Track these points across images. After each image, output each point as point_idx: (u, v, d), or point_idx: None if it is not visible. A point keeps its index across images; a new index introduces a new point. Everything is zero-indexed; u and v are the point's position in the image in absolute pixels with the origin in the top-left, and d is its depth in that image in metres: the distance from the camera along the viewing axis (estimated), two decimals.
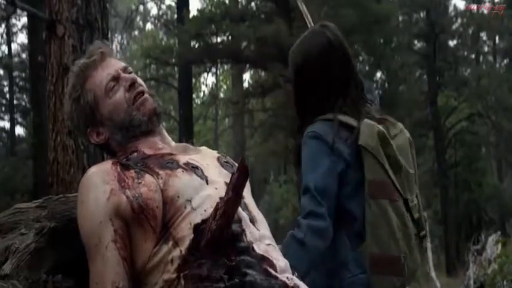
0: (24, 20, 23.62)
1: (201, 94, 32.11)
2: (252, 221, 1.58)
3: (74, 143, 4.75)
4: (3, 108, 25.85)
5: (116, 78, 1.72)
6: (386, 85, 22.60)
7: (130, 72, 1.75)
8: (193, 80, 25.13)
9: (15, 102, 24.96)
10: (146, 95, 1.72)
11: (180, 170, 1.59)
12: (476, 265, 8.42)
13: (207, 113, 29.85)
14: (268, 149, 19.43)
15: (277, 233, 1.91)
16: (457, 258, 22.48)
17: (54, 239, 1.52)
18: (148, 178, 1.56)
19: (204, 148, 1.81)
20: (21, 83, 24.99)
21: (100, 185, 1.55)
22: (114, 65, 1.74)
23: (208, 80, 40.62)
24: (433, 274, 9.07)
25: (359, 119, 2.18)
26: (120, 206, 1.53)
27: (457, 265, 20.63)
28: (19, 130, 26.82)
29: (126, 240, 1.53)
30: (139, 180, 1.55)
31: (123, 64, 1.76)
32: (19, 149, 22.61)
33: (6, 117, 25.27)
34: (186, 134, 19.06)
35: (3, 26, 24.41)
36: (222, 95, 30.06)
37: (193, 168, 1.61)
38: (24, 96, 24.72)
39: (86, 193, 1.56)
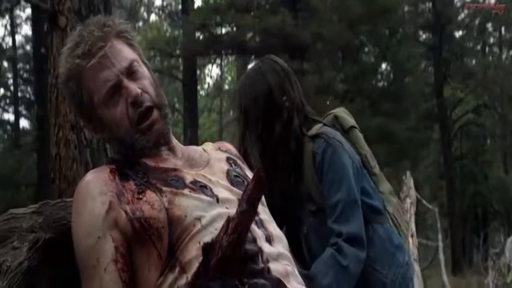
0: (28, 11, 23.56)
1: (206, 86, 32.04)
2: (268, 239, 1.41)
3: (77, 137, 4.64)
4: (7, 101, 25.78)
5: (116, 86, 1.46)
6: (391, 77, 22.45)
7: (135, 72, 1.48)
8: (198, 72, 25.01)
9: (19, 94, 24.88)
10: (154, 116, 1.48)
11: (186, 189, 1.41)
12: (495, 271, 8.18)
13: (211, 105, 29.76)
14: None
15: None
16: (462, 254, 22.40)
17: (49, 253, 1.38)
18: (150, 195, 1.38)
19: (212, 154, 1.60)
20: (25, 75, 24.92)
21: (97, 196, 1.38)
22: (116, 64, 1.46)
23: (213, 71, 40.53)
24: (444, 278, 8.83)
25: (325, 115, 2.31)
26: (120, 221, 1.35)
27: (463, 262, 20.55)
28: (24, 122, 26.85)
29: (128, 261, 1.35)
30: (140, 196, 1.38)
31: (128, 59, 1.48)
32: (23, 142, 22.58)
33: (11, 109, 25.23)
34: (191, 126, 18.97)
35: (7, 17, 24.32)
36: (226, 86, 29.95)
37: (201, 188, 1.43)
38: (29, 88, 24.67)
39: (81, 204, 1.40)
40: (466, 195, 24.86)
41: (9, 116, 26.44)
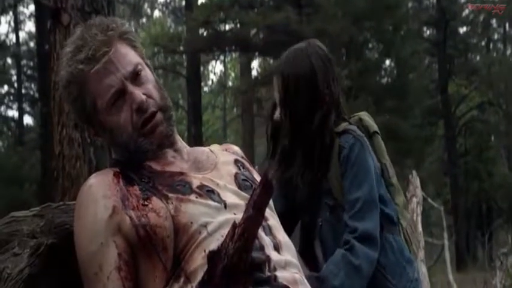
0: (31, 7, 23.55)
1: (210, 82, 32.01)
2: (277, 247, 1.37)
3: (80, 136, 4.62)
4: (11, 97, 25.78)
5: (121, 92, 1.43)
6: (395, 73, 22.41)
7: (139, 74, 1.45)
8: (202, 68, 24.98)
9: (23, 91, 24.87)
10: (157, 118, 1.44)
11: (193, 195, 1.37)
12: (503, 272, 8.08)
13: (215, 102, 29.75)
14: None
15: None
16: (467, 250, 22.36)
17: (51, 259, 1.34)
18: (156, 202, 1.34)
19: (219, 156, 1.56)
20: (29, 72, 24.90)
21: (100, 200, 1.34)
22: (120, 69, 1.43)
23: (216, 68, 40.55)
24: (450, 277, 8.70)
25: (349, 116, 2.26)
26: (124, 227, 1.32)
27: (467, 259, 20.51)
28: (27, 119, 26.80)
29: (132, 268, 1.31)
30: (146, 203, 1.34)
31: (132, 63, 1.45)
32: (27, 139, 22.58)
33: (15, 106, 25.23)
34: (195, 122, 18.95)
35: (10, 13, 24.32)
36: (230, 83, 29.91)
37: (208, 192, 1.39)
38: (33, 85, 24.66)
39: (83, 208, 1.36)
40: (470, 192, 24.82)
41: (13, 113, 26.49)
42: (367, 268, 1.98)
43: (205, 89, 30.35)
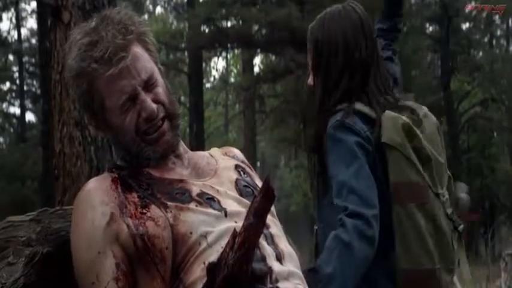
0: (33, 4, 23.54)
1: (212, 79, 31.98)
2: (279, 257, 1.32)
3: (81, 134, 4.62)
4: (13, 94, 25.80)
5: (132, 99, 1.39)
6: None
7: (153, 83, 1.41)
8: (204, 65, 24.96)
9: (25, 88, 24.88)
10: (164, 127, 1.41)
11: (193, 203, 1.33)
12: (507, 273, 8.01)
13: (217, 98, 29.74)
14: (279, 135, 19.28)
15: (288, 220, 1.75)
16: (469, 246, 22.32)
17: (47, 268, 1.31)
18: (155, 210, 1.30)
19: (219, 161, 1.52)
20: (31, 69, 24.91)
21: (98, 206, 1.31)
22: (136, 76, 1.39)
23: (218, 64, 40.57)
24: (455, 280, 8.61)
25: (378, 111, 1.98)
26: (121, 235, 1.29)
27: (470, 255, 20.48)
28: (29, 116, 26.85)
29: (130, 279, 1.28)
30: (144, 211, 1.30)
31: (148, 71, 1.41)
32: (29, 136, 22.60)
33: (17, 103, 25.26)
34: (196, 119, 18.95)
35: (12, 10, 24.30)
36: (232, 79, 29.89)
37: (208, 200, 1.35)
38: (34, 82, 24.67)
39: (81, 214, 1.33)
40: (473, 189, 24.73)
41: (15, 110, 26.54)
42: (359, 245, 1.81)
43: (207, 85, 30.35)
